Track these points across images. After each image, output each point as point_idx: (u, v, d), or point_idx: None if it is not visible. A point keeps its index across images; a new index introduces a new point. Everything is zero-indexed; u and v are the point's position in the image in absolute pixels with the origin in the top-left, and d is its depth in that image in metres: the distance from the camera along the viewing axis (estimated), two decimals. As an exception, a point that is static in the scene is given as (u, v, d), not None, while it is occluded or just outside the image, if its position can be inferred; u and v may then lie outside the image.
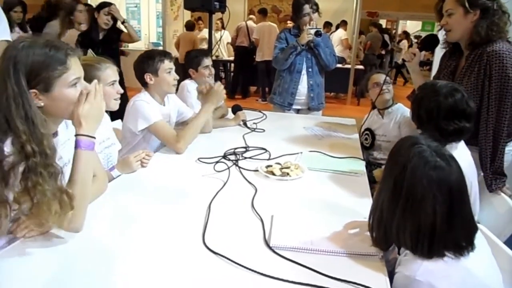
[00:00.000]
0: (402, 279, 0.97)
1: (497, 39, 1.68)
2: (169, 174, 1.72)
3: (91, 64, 1.56)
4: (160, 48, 7.85)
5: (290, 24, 7.54)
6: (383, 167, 2.22)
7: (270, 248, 1.12)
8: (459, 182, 0.97)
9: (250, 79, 7.50)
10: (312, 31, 2.70)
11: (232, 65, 7.83)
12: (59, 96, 1.10)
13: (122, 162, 1.71)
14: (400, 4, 13.02)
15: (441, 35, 1.98)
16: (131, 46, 8.29)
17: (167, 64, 2.04)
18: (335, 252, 1.10)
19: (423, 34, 14.79)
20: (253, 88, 7.97)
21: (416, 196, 0.95)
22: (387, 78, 2.23)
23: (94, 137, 1.15)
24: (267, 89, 6.93)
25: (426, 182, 0.95)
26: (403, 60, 2.00)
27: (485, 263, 1.02)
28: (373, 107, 2.34)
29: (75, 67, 1.13)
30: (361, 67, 7.56)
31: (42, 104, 1.08)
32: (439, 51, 2.17)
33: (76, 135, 1.13)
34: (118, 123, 2.17)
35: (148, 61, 2.01)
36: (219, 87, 2.12)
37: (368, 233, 1.18)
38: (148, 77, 2.02)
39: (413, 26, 15.04)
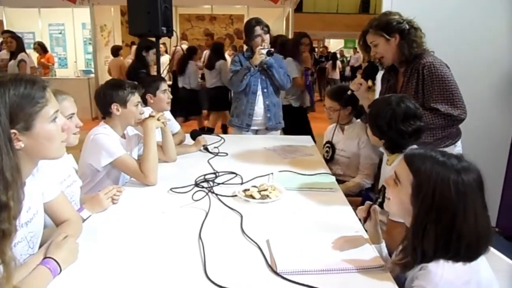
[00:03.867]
0: None
1: (422, 53, 1.93)
2: (144, 208, 1.63)
3: None
4: (92, 75, 7.53)
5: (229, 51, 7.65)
6: (346, 183, 2.32)
7: (277, 274, 1.10)
8: (482, 174, 1.03)
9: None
10: (264, 51, 2.77)
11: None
12: (41, 133, 1.01)
13: (91, 201, 1.58)
14: (324, 24, 13.95)
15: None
16: (59, 74, 7.90)
17: (137, 97, 1.97)
18: (342, 270, 1.11)
19: (345, 51, 15.93)
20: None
21: (466, 203, 0.99)
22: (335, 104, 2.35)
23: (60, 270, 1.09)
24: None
25: (473, 185, 0.99)
26: (352, 90, 2.15)
27: (486, 263, 1.06)
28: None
29: (52, 100, 1.05)
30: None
31: (22, 145, 0.98)
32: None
33: (49, 257, 1.08)
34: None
35: (118, 91, 1.91)
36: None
37: (364, 246, 1.23)
38: (115, 107, 1.91)
39: (336, 44, 16.14)
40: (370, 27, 1.99)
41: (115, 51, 7.25)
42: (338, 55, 14.73)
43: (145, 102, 2.45)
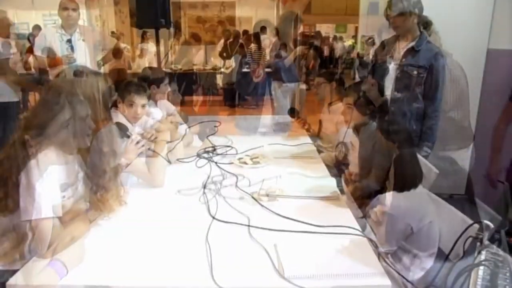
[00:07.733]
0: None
1: (438, 52, 2.05)
2: (151, 211, 1.64)
3: None
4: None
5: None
6: (355, 184, 2.29)
7: (285, 279, 1.10)
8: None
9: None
10: None
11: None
12: None
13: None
14: (314, 8, 13.51)
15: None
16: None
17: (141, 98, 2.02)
18: (349, 274, 1.11)
19: (338, 35, 15.52)
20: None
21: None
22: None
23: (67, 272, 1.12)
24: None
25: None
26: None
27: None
28: None
29: None
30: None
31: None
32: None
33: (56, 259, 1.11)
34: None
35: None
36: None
37: (371, 250, 1.23)
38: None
39: (327, 29, 15.79)
40: None
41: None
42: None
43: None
